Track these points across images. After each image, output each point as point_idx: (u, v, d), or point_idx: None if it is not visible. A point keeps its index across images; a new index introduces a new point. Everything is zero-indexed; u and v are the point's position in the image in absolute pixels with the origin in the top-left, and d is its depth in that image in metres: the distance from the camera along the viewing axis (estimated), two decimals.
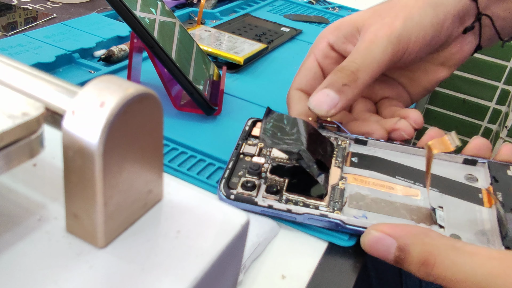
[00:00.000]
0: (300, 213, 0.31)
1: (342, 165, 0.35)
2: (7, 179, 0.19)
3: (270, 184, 0.33)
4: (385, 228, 0.28)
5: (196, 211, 0.19)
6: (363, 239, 0.28)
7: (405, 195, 0.33)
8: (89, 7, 0.66)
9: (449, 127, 1.38)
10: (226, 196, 0.32)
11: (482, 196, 0.33)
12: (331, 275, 0.30)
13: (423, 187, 0.34)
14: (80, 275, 0.16)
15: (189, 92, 0.41)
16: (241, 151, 0.36)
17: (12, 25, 0.57)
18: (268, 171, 0.34)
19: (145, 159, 0.17)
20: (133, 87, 0.16)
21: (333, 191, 0.33)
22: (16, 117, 0.15)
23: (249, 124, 0.39)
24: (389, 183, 0.34)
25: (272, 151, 0.36)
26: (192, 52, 0.44)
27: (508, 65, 1.24)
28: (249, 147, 0.36)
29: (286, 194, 0.32)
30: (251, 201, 0.32)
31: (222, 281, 0.19)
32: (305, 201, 0.32)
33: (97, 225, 0.16)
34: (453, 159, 0.36)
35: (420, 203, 0.32)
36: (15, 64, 0.18)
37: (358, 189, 0.33)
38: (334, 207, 0.32)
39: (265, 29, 0.65)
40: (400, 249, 0.27)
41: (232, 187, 0.32)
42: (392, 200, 0.32)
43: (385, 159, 0.36)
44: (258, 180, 0.33)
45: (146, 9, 0.40)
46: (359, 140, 0.38)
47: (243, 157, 0.35)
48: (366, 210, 0.32)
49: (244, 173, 0.34)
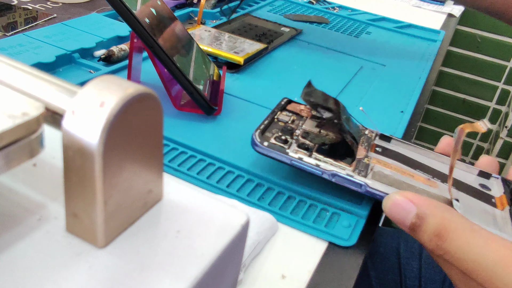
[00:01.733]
0: (328, 169, 0.32)
1: (368, 149, 0.37)
2: (7, 179, 0.19)
3: (302, 142, 0.34)
4: (409, 195, 0.28)
5: (196, 211, 0.19)
6: (385, 201, 0.29)
7: (424, 183, 0.34)
8: (89, 7, 0.66)
9: (449, 127, 1.38)
10: (260, 142, 0.33)
11: (495, 201, 0.34)
12: (331, 275, 0.30)
13: (441, 182, 0.35)
14: (80, 275, 0.16)
15: (189, 92, 0.41)
16: (276, 116, 0.37)
17: (12, 25, 0.57)
18: (300, 135, 0.36)
19: (145, 159, 0.17)
20: (133, 87, 0.16)
21: (358, 162, 0.34)
22: (16, 117, 0.15)
23: (285, 101, 0.40)
24: (409, 172, 0.35)
25: (304, 123, 0.37)
26: (192, 52, 0.44)
27: (508, 65, 1.24)
28: (283, 116, 0.38)
29: (316, 154, 0.34)
30: (283, 151, 0.33)
31: (222, 280, 0.19)
32: (333, 162, 0.33)
33: (97, 225, 0.16)
34: (468, 170, 0.37)
35: (438, 192, 0.33)
36: (15, 64, 0.18)
37: (381, 169, 0.34)
38: (360, 173, 0.33)
39: (265, 29, 0.65)
40: (418, 216, 0.27)
41: (266, 139, 0.34)
42: (413, 184, 0.33)
43: (406, 155, 0.37)
44: (290, 139, 0.35)
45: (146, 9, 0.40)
46: (384, 136, 0.39)
47: (277, 121, 0.37)
48: (388, 185, 0.33)
49: (278, 132, 0.35)
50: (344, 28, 0.73)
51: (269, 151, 0.33)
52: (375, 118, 0.48)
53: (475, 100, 1.31)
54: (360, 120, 0.46)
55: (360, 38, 0.71)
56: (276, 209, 0.33)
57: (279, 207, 0.34)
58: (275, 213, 0.33)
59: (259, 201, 0.34)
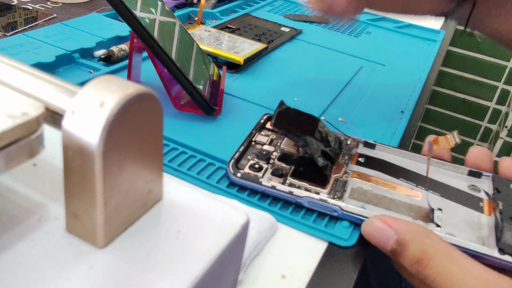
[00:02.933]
0: (301, 196, 0.33)
1: (348, 162, 0.36)
2: (7, 179, 0.19)
3: (276, 168, 0.35)
4: (388, 220, 0.28)
5: (196, 211, 0.19)
6: (365, 226, 0.29)
7: (406, 195, 0.34)
8: (89, 7, 0.66)
9: (449, 127, 1.38)
10: (233, 174, 0.34)
11: (483, 205, 0.34)
12: (331, 275, 0.30)
13: (425, 190, 0.34)
14: (80, 275, 0.16)
15: (189, 92, 0.41)
16: (253, 139, 0.38)
17: (12, 25, 0.57)
18: (276, 158, 0.36)
19: (145, 159, 0.17)
20: (133, 87, 0.16)
21: (335, 182, 0.34)
22: (16, 117, 0.15)
23: (264, 118, 0.41)
24: (391, 183, 0.35)
25: (282, 142, 0.38)
26: (192, 52, 0.44)
27: (508, 65, 1.24)
28: (261, 137, 0.38)
29: (290, 179, 0.34)
30: (256, 180, 0.33)
31: (222, 280, 0.19)
32: (308, 186, 0.33)
33: (97, 225, 0.16)
34: (458, 170, 0.37)
35: (420, 203, 0.33)
36: (15, 64, 0.18)
37: (361, 184, 0.34)
38: (335, 195, 0.33)
39: (265, 29, 0.65)
40: (398, 243, 0.28)
41: (240, 168, 0.34)
42: (393, 197, 0.33)
43: (391, 162, 0.37)
44: (266, 164, 0.35)
45: (146, 9, 0.40)
46: (368, 143, 0.39)
47: (254, 145, 0.37)
48: (366, 203, 0.33)
49: (253, 158, 0.35)
50: (344, 28, 0.74)
51: (242, 182, 0.34)
52: (375, 118, 0.48)
53: (475, 100, 1.31)
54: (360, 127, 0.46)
55: (360, 38, 0.71)
56: (276, 209, 0.33)
57: (279, 207, 0.34)
58: (275, 213, 0.33)
59: (259, 201, 0.34)
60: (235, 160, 0.35)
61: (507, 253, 0.29)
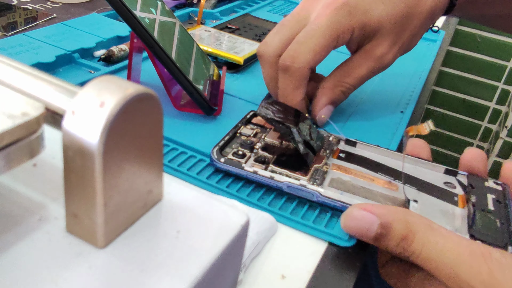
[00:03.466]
0: (281, 181, 0.34)
1: (329, 156, 0.38)
2: (7, 179, 0.19)
3: (259, 156, 0.36)
4: (367, 207, 0.29)
5: (196, 211, 0.19)
6: (344, 217, 0.30)
7: (383, 187, 0.35)
8: (89, 7, 0.66)
9: (449, 127, 1.38)
10: (217, 159, 0.35)
11: (458, 199, 0.35)
12: (331, 275, 0.30)
13: (402, 184, 0.35)
14: (80, 275, 0.16)
15: (189, 92, 0.41)
16: (238, 131, 0.39)
17: (12, 25, 0.57)
18: (259, 148, 0.37)
19: (145, 159, 0.17)
20: (133, 87, 0.16)
21: (316, 171, 0.35)
22: (16, 117, 0.15)
23: (250, 114, 0.42)
24: (370, 176, 0.36)
25: (266, 135, 0.39)
26: (192, 52, 0.44)
27: (508, 65, 1.24)
28: (246, 129, 0.39)
29: (272, 166, 0.35)
30: (239, 165, 0.34)
31: (222, 281, 0.19)
32: (289, 173, 0.34)
33: (97, 225, 0.16)
34: (435, 168, 0.38)
35: (397, 194, 0.34)
36: (15, 64, 0.18)
37: (340, 175, 0.36)
38: (314, 182, 0.34)
39: (265, 29, 0.65)
40: (383, 226, 0.28)
41: (224, 155, 0.35)
42: (371, 188, 0.35)
43: (370, 158, 0.38)
44: (249, 152, 0.36)
45: (146, 9, 0.40)
46: (350, 141, 0.40)
47: (239, 136, 0.38)
48: (344, 191, 0.34)
49: (237, 147, 0.37)
50: None
51: (225, 166, 0.35)
52: (375, 118, 0.48)
53: (475, 100, 1.31)
54: (360, 127, 0.46)
55: None
56: (276, 209, 0.33)
57: (279, 207, 0.34)
58: (275, 213, 0.33)
59: (259, 201, 0.34)
60: (220, 147, 0.36)
61: (477, 239, 0.30)
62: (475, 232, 0.31)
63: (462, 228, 0.31)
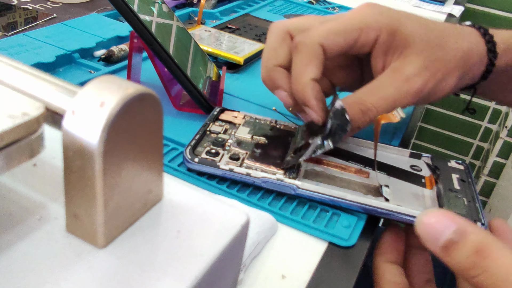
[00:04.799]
0: (258, 177, 0.34)
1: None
2: (7, 179, 0.19)
3: (233, 153, 0.36)
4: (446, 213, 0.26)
5: (196, 210, 0.19)
6: (420, 217, 0.27)
7: (356, 174, 0.36)
8: (89, 7, 0.66)
9: (449, 127, 1.38)
10: (190, 159, 0.35)
11: (425, 181, 0.37)
12: (331, 275, 0.30)
13: (372, 170, 0.37)
14: (80, 275, 0.16)
15: (189, 92, 0.41)
16: (208, 128, 0.38)
17: (12, 25, 0.57)
18: (231, 145, 0.37)
19: (145, 159, 0.17)
20: (133, 87, 0.16)
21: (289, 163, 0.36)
22: (16, 117, 0.15)
23: (217, 110, 0.41)
24: (341, 165, 0.37)
25: (236, 131, 0.39)
26: (190, 49, 0.44)
27: None
28: (215, 127, 0.39)
29: (247, 162, 0.35)
30: (214, 164, 0.34)
31: (222, 280, 0.19)
32: (264, 168, 0.35)
33: (97, 225, 0.16)
34: (400, 153, 0.40)
35: (368, 181, 0.36)
36: (15, 64, 0.18)
37: (313, 166, 0.36)
38: (290, 176, 0.34)
39: (265, 29, 0.65)
40: (458, 232, 0.25)
41: (197, 154, 0.35)
42: (344, 177, 0.36)
43: (340, 148, 0.39)
44: (222, 150, 0.36)
45: (146, 8, 0.40)
46: None
47: (209, 134, 0.38)
48: (320, 182, 0.35)
49: (209, 145, 0.37)
50: None
51: (200, 167, 0.35)
52: None
53: (475, 100, 1.31)
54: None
55: None
56: (276, 209, 0.33)
57: (279, 207, 0.34)
58: (275, 213, 0.33)
59: (259, 201, 0.34)
60: (192, 147, 0.36)
61: None
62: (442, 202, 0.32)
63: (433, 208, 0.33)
